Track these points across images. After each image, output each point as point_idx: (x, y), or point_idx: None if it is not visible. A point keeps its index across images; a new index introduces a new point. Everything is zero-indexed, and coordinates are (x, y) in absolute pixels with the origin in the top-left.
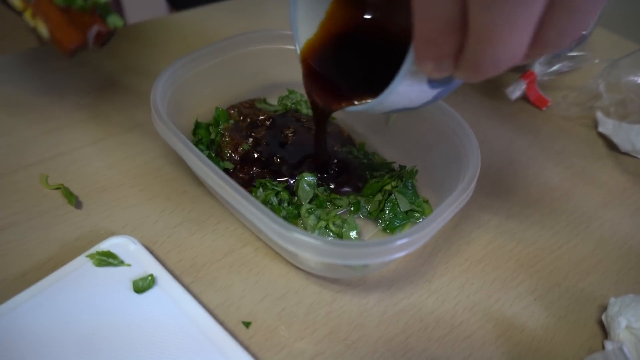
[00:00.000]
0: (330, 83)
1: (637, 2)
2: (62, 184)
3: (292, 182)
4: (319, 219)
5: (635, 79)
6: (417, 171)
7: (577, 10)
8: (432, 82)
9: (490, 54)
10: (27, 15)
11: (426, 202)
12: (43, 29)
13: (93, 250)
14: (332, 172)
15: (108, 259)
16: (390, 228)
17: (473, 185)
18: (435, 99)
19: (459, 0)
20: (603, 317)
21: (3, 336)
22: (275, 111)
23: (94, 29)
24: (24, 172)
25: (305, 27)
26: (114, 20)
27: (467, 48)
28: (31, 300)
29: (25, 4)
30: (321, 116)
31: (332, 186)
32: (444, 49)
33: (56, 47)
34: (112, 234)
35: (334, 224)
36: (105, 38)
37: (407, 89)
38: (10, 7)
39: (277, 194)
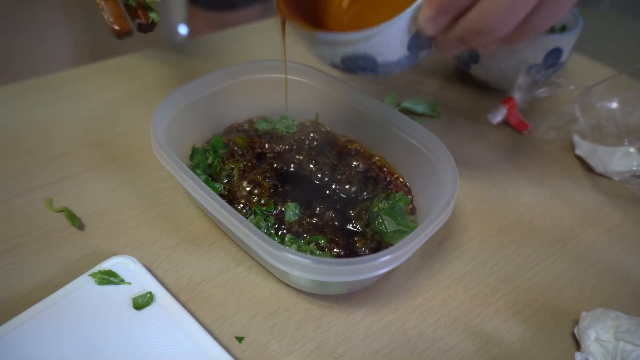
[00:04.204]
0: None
1: (612, 28)
2: (65, 207)
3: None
4: (299, 248)
5: (608, 104)
6: (410, 197)
7: (558, 3)
8: (410, 44)
9: (491, 21)
10: (98, 5)
11: (413, 222)
12: (105, 16)
13: (95, 269)
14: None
15: (109, 278)
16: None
17: (451, 205)
18: (399, 62)
19: None
20: (575, 331)
21: (10, 351)
22: (274, 129)
23: (137, 21)
24: (30, 195)
25: None
26: (153, 16)
27: (473, 10)
28: (36, 317)
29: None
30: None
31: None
32: (452, 4)
33: (110, 31)
34: (113, 254)
35: (311, 253)
36: (147, 28)
37: (395, 34)
38: None
39: (266, 218)
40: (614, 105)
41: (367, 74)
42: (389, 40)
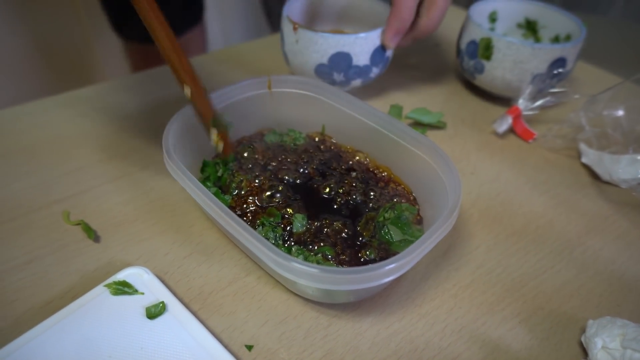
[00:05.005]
0: None
1: (617, 36)
2: (82, 220)
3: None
4: (306, 259)
5: (613, 112)
6: (416, 207)
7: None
8: (372, 56)
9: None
10: (215, 143)
11: (420, 231)
12: (219, 148)
13: (110, 280)
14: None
15: (124, 288)
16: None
17: (455, 214)
18: (361, 70)
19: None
20: (582, 339)
21: (31, 358)
22: (282, 142)
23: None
24: (48, 209)
25: None
26: (229, 127)
27: (420, 23)
28: (55, 326)
29: (216, 140)
30: None
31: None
32: (403, 27)
33: (222, 155)
34: (127, 265)
35: (318, 264)
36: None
37: (368, 41)
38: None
39: (273, 229)
40: (620, 113)
41: (339, 77)
42: (364, 45)
